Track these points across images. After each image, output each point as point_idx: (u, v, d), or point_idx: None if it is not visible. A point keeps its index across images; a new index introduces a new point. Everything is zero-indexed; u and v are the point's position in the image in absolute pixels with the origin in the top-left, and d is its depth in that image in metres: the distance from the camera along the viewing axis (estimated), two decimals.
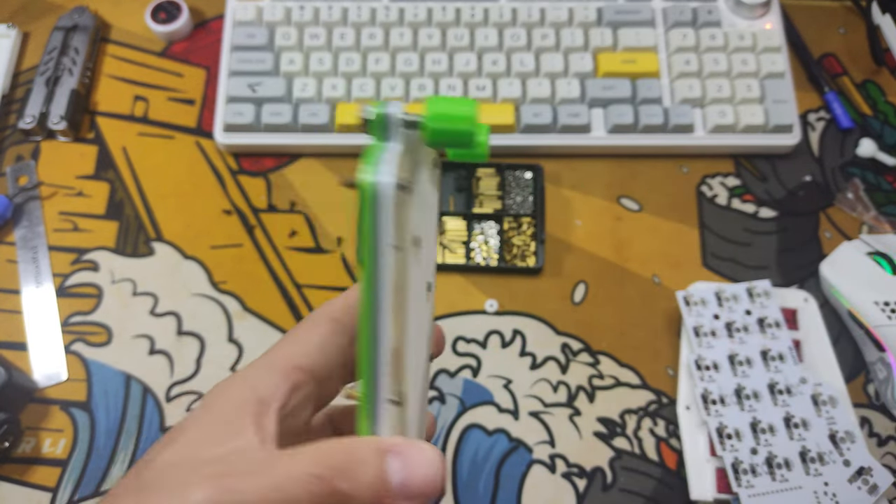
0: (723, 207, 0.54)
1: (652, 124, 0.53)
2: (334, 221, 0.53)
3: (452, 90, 0.54)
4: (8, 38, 0.57)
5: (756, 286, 0.49)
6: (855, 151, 0.56)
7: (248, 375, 0.26)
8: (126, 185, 0.54)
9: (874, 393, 0.48)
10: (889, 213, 0.53)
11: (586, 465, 0.46)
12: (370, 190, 0.22)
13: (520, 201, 0.53)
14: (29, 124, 0.53)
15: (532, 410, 0.47)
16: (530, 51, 0.55)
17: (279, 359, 0.26)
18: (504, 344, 0.49)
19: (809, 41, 0.60)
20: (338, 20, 0.56)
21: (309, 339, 0.27)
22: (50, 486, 0.45)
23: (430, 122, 0.24)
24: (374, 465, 0.23)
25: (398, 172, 0.22)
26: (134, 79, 0.58)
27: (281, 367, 0.26)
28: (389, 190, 0.22)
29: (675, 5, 0.57)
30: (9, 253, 0.51)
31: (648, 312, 0.50)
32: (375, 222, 0.22)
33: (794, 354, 0.47)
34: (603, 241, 0.52)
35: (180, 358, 0.48)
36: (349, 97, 0.54)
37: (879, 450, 0.47)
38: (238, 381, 0.26)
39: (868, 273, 0.48)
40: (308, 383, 0.26)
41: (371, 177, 0.22)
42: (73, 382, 0.48)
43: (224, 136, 0.54)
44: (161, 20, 0.58)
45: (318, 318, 0.28)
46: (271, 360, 0.27)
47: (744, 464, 0.43)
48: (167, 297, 0.50)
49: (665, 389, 0.48)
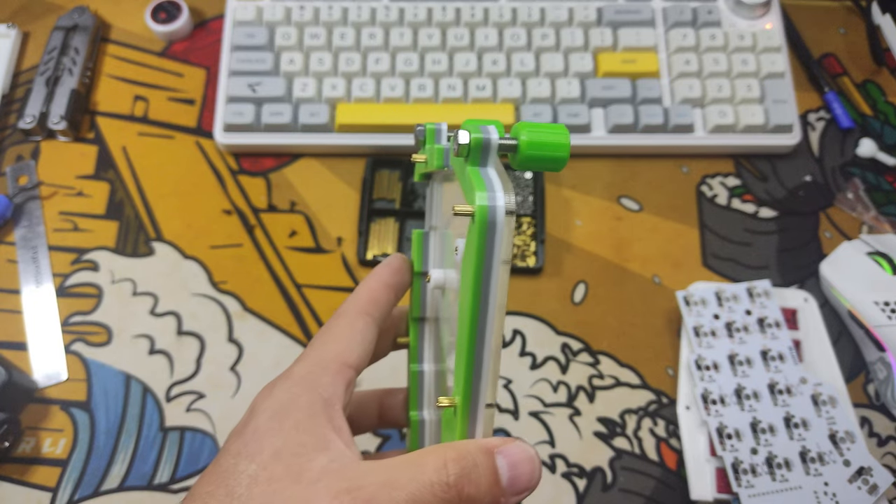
0: (723, 207, 0.54)
1: (652, 124, 0.53)
2: (334, 221, 0.53)
3: (452, 90, 0.54)
4: (8, 38, 0.57)
5: (756, 286, 0.49)
6: (855, 151, 0.56)
7: (308, 379, 0.26)
8: (126, 185, 0.54)
9: (874, 393, 0.48)
10: (889, 213, 0.53)
11: (586, 465, 0.46)
12: (487, 215, 0.23)
13: (520, 201, 0.53)
14: (29, 124, 0.53)
15: (532, 410, 0.47)
16: (530, 51, 0.56)
17: (329, 358, 0.27)
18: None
19: (809, 41, 0.60)
20: (338, 20, 0.56)
21: (351, 337, 0.28)
22: (50, 486, 0.45)
23: (526, 149, 0.24)
24: (487, 467, 0.24)
25: (509, 197, 0.23)
26: (134, 79, 0.58)
27: (334, 366, 0.27)
28: (503, 216, 0.23)
29: (675, 5, 0.57)
30: (9, 253, 0.51)
31: (648, 312, 0.50)
32: (492, 244, 0.23)
33: (794, 354, 0.47)
34: (603, 241, 0.52)
35: (180, 358, 0.48)
36: (349, 97, 0.54)
37: (879, 450, 0.47)
38: (301, 386, 0.26)
39: (868, 273, 0.48)
40: (354, 378, 0.28)
41: (488, 202, 0.23)
42: (73, 382, 0.48)
43: (224, 136, 0.54)
44: (161, 20, 0.58)
45: (351, 314, 0.29)
46: (321, 359, 0.27)
47: (744, 464, 0.43)
48: (167, 297, 0.50)
49: (665, 389, 0.48)
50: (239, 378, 0.48)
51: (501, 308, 0.24)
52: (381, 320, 0.30)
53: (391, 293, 0.31)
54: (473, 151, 0.24)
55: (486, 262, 0.23)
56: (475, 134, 0.24)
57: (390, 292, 0.31)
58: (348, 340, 0.28)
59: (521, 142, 0.24)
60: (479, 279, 0.24)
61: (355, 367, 0.28)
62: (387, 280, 0.31)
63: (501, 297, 0.24)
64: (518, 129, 0.25)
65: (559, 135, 0.24)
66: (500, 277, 0.24)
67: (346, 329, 0.28)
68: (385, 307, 0.31)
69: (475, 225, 0.23)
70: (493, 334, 0.24)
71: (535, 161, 0.25)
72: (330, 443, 0.24)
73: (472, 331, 0.24)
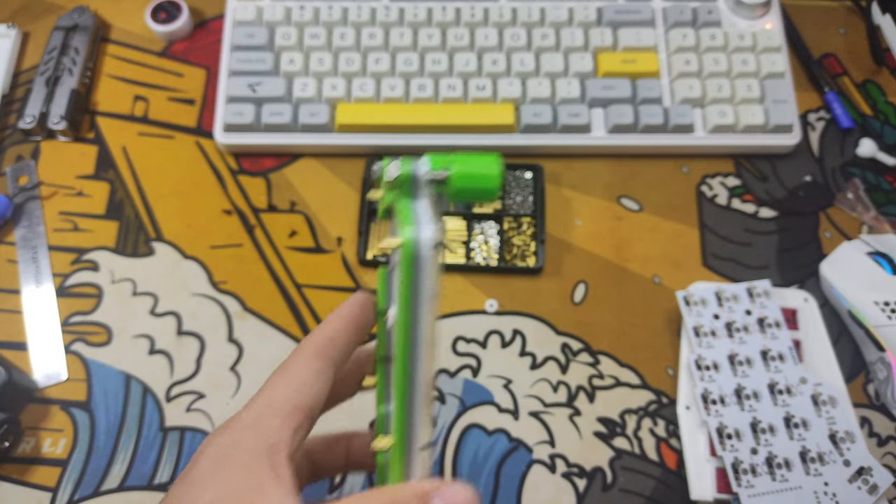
0: (723, 207, 0.54)
1: (652, 124, 0.53)
2: (334, 221, 0.53)
3: (452, 90, 0.54)
4: (8, 38, 0.57)
5: (756, 286, 0.49)
6: (855, 151, 0.56)
7: (253, 422, 0.26)
8: (126, 185, 0.54)
9: (874, 393, 0.48)
10: (889, 213, 0.53)
11: (586, 465, 0.46)
12: (412, 249, 0.23)
13: (520, 201, 0.53)
14: (29, 124, 0.53)
15: (532, 410, 0.47)
16: (530, 51, 0.56)
17: (279, 401, 0.26)
18: (504, 344, 0.49)
19: (809, 41, 0.60)
20: (338, 20, 0.56)
21: (305, 378, 0.27)
22: (50, 486, 0.45)
23: (456, 181, 0.25)
24: None
25: (436, 230, 0.23)
26: (134, 79, 0.58)
27: (283, 409, 0.26)
28: (429, 249, 0.23)
29: (675, 5, 0.57)
30: (9, 253, 0.51)
31: (648, 312, 0.50)
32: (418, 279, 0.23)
33: (794, 354, 0.47)
34: (603, 241, 0.52)
35: (180, 358, 0.48)
36: (349, 97, 0.54)
37: (879, 450, 0.47)
38: (246, 430, 0.26)
39: (868, 273, 0.48)
40: (306, 422, 0.27)
41: (412, 235, 0.23)
42: (73, 382, 0.48)
43: (224, 135, 0.54)
44: (161, 20, 0.58)
45: (307, 355, 0.28)
46: (271, 402, 0.26)
47: (744, 464, 0.43)
48: (167, 297, 0.50)
49: (665, 389, 0.48)
50: (239, 378, 0.48)
51: (430, 345, 0.24)
52: (339, 360, 0.29)
53: (352, 332, 0.29)
54: (403, 185, 0.25)
55: (412, 298, 0.23)
56: (403, 168, 0.24)
57: (351, 331, 0.29)
58: (300, 382, 0.27)
59: (451, 175, 0.24)
60: (407, 316, 0.23)
61: (307, 410, 0.26)
62: (348, 318, 0.29)
63: (430, 334, 0.24)
64: (449, 162, 0.25)
65: (489, 166, 0.25)
66: (427, 314, 0.23)
67: (301, 370, 0.27)
68: (345, 347, 0.29)
69: (402, 259, 0.23)
70: (422, 373, 0.24)
71: (465, 193, 0.25)
72: (269, 491, 0.24)
73: (402, 370, 0.24)
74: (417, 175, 0.25)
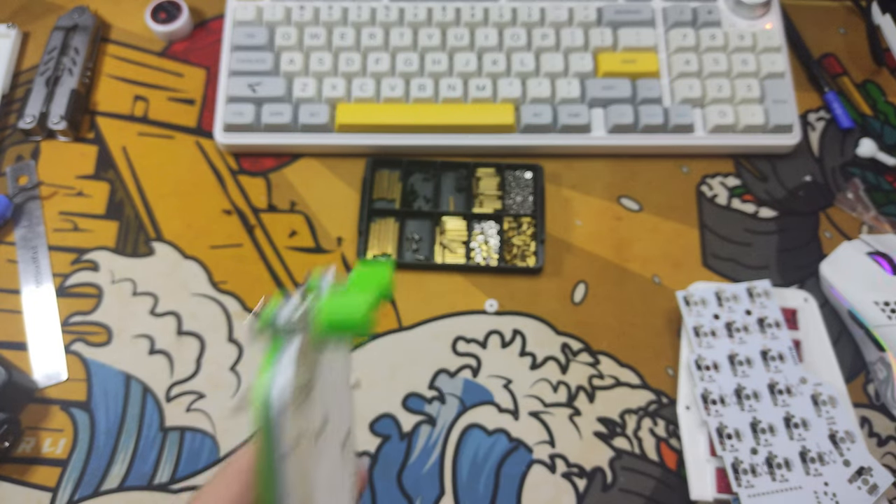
0: (723, 207, 0.54)
1: (652, 124, 0.53)
2: (334, 221, 0.53)
3: (452, 90, 0.54)
4: (8, 38, 0.57)
5: (756, 286, 0.49)
6: (855, 151, 0.56)
7: None
8: (126, 185, 0.54)
9: (874, 393, 0.48)
10: (889, 213, 0.53)
11: (586, 465, 0.46)
12: (264, 407, 0.22)
13: (520, 201, 0.53)
14: (29, 124, 0.53)
15: (532, 410, 0.47)
16: (530, 51, 0.55)
17: None
18: (504, 344, 0.49)
19: (809, 41, 0.60)
20: (338, 20, 0.56)
21: (227, 500, 0.27)
22: (50, 486, 0.45)
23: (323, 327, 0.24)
24: None
25: (293, 380, 0.22)
26: (134, 79, 0.58)
27: None
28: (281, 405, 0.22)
29: (675, 5, 0.57)
30: (9, 253, 0.51)
31: (648, 312, 0.50)
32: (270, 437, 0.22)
33: (794, 354, 0.47)
34: (603, 241, 0.52)
35: (180, 358, 0.48)
36: (349, 97, 0.54)
37: (879, 450, 0.47)
38: None
39: (868, 273, 0.48)
40: None
41: (265, 391, 0.22)
42: (73, 382, 0.48)
43: (224, 135, 0.54)
44: (161, 20, 0.58)
45: (229, 477, 0.28)
46: None
47: (744, 464, 0.43)
48: (167, 297, 0.50)
49: (665, 389, 0.48)
50: (239, 378, 0.48)
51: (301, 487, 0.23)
52: None
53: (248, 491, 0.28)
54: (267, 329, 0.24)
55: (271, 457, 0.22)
56: (267, 310, 0.23)
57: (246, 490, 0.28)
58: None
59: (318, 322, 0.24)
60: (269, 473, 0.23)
61: None
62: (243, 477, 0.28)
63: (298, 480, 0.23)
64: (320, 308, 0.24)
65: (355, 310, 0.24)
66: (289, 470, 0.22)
67: (220, 492, 0.27)
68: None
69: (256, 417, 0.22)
70: None
71: (335, 333, 0.24)
72: None
73: None
74: (277, 323, 0.23)
